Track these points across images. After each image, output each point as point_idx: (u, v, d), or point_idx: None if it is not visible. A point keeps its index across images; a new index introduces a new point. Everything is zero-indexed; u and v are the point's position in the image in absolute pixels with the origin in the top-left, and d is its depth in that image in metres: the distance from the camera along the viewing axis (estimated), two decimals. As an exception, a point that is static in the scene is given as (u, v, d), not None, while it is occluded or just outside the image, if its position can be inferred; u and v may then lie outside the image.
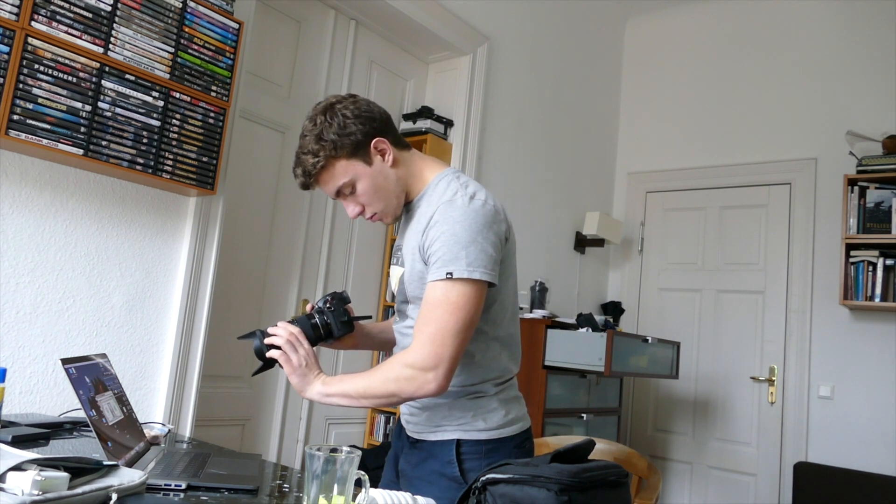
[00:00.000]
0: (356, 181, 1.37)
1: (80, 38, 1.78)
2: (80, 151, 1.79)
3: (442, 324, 1.26)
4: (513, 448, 1.38)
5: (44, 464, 0.94)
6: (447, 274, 1.26)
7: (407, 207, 1.45)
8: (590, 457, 1.16)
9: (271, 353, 1.37)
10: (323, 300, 1.48)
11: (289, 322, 1.41)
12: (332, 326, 1.45)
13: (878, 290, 3.36)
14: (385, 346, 1.65)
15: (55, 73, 1.73)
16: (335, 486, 0.98)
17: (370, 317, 1.50)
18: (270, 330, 1.38)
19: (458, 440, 1.36)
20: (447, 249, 1.27)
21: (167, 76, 1.96)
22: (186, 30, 2.01)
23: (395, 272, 1.45)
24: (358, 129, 1.36)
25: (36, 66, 1.70)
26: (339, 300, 1.48)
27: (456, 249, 1.26)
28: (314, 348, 1.43)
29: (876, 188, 3.44)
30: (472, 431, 1.36)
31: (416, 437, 1.43)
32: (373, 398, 1.32)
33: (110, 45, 1.84)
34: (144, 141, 1.92)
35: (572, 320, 3.28)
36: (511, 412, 1.41)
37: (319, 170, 1.36)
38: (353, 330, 1.49)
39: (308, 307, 1.50)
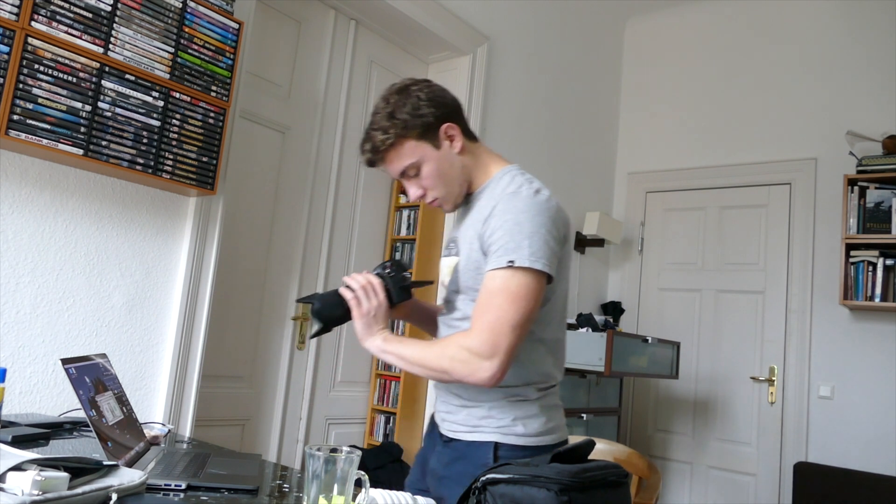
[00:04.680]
0: (422, 163, 1.38)
1: (80, 38, 1.78)
2: (80, 151, 1.78)
3: (501, 313, 1.25)
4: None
5: (44, 464, 0.94)
6: (508, 262, 1.25)
7: (467, 198, 1.46)
8: (590, 457, 1.16)
9: (344, 291, 1.37)
10: (381, 266, 1.45)
11: None
12: (392, 293, 1.41)
13: (878, 290, 3.36)
14: (430, 331, 1.63)
15: (55, 73, 1.73)
16: (335, 486, 0.98)
17: (431, 282, 1.49)
18: (349, 277, 1.39)
19: (496, 443, 1.33)
20: (510, 238, 1.27)
21: (167, 76, 1.96)
22: (186, 30, 2.01)
23: (449, 262, 1.45)
24: (430, 111, 1.37)
25: (36, 66, 1.70)
26: (398, 266, 1.46)
27: (519, 238, 1.26)
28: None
29: (876, 188, 3.44)
30: (511, 436, 1.34)
31: (450, 436, 1.41)
32: (425, 368, 1.32)
33: (110, 45, 1.84)
34: (144, 141, 1.92)
35: (572, 320, 3.28)
36: (552, 420, 1.39)
37: (388, 147, 1.37)
38: (411, 297, 1.47)
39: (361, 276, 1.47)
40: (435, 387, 1.50)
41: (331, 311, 1.37)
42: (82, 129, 1.79)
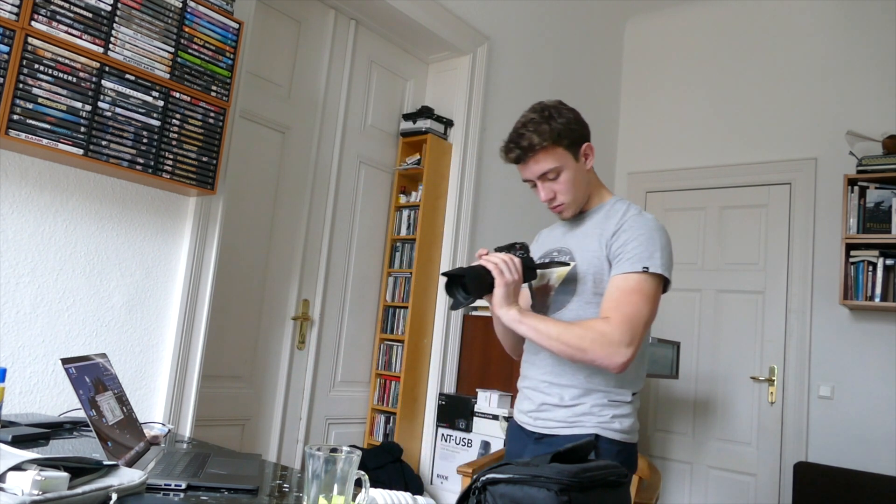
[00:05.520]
0: (563, 170, 1.55)
1: (80, 38, 1.78)
2: (80, 151, 1.78)
3: (638, 308, 1.42)
4: (629, 455, 1.50)
5: (44, 464, 0.94)
6: (644, 267, 1.44)
7: (580, 213, 1.63)
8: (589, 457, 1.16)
9: (486, 264, 1.46)
10: (510, 247, 1.54)
11: None
12: (523, 272, 1.50)
13: (878, 290, 3.36)
14: (515, 333, 1.67)
15: (55, 73, 1.73)
16: (335, 486, 0.98)
17: (567, 264, 1.54)
18: (485, 255, 1.49)
19: (597, 435, 1.46)
20: (644, 248, 1.46)
21: (167, 76, 1.96)
22: (186, 30, 2.01)
23: (560, 269, 1.58)
24: (579, 128, 1.57)
25: (36, 66, 1.70)
26: (526, 248, 1.55)
27: (652, 249, 1.46)
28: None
29: (876, 188, 3.44)
30: (609, 431, 1.48)
31: (543, 433, 1.52)
32: (561, 344, 1.43)
33: (110, 45, 1.84)
34: (144, 141, 1.92)
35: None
36: (637, 422, 1.55)
37: (542, 148, 1.52)
38: (535, 278, 1.58)
39: (482, 252, 1.52)
40: (525, 387, 1.62)
41: (480, 282, 1.46)
42: (82, 129, 1.79)
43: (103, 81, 1.82)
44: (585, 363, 1.45)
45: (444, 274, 1.49)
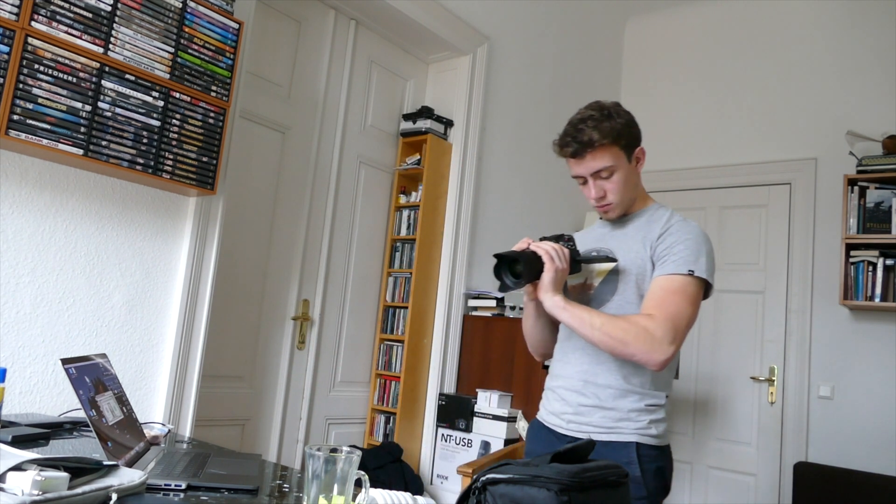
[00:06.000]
0: (616, 170, 1.55)
1: (80, 38, 1.78)
2: (80, 151, 1.78)
3: (680, 309, 1.44)
4: (667, 457, 1.52)
5: (44, 464, 0.94)
6: (689, 271, 1.46)
7: (623, 216, 1.64)
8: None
9: (535, 247, 1.49)
10: (556, 238, 1.55)
11: None
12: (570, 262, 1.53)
13: (878, 290, 3.36)
14: (543, 325, 1.69)
15: (55, 73, 1.73)
16: (335, 486, 0.98)
17: (614, 259, 1.56)
18: (534, 243, 1.52)
19: (637, 443, 1.47)
20: (690, 252, 1.48)
21: (167, 76, 1.96)
22: (186, 30, 2.01)
23: (602, 266, 1.59)
24: (636, 131, 1.59)
25: (36, 66, 1.70)
26: (573, 240, 1.58)
27: (697, 254, 1.48)
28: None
29: (876, 188, 3.44)
30: (647, 437, 1.48)
31: (577, 436, 1.51)
32: (603, 334, 1.43)
33: (110, 45, 1.84)
34: (144, 141, 1.92)
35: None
36: (668, 426, 1.56)
37: (601, 145, 1.52)
38: (580, 271, 1.58)
39: (525, 242, 1.53)
40: (557, 387, 1.60)
41: (533, 266, 1.47)
42: (82, 129, 1.79)
43: (103, 81, 1.82)
44: (625, 357, 1.45)
45: (496, 255, 1.49)
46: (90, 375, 1.31)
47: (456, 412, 3.13)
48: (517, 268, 1.49)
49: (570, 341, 1.60)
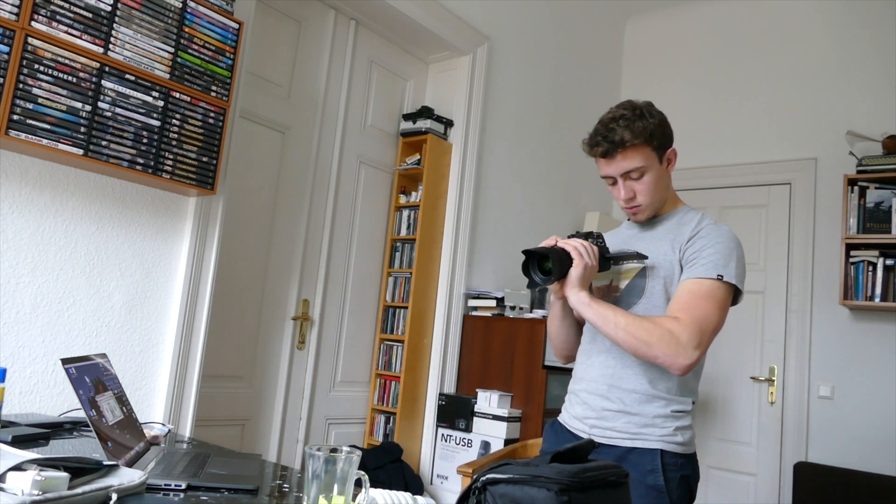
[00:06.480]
0: (647, 171, 1.51)
1: (80, 38, 1.78)
2: (80, 151, 1.78)
3: (708, 313, 1.40)
4: (694, 466, 1.49)
5: (44, 464, 0.94)
6: (718, 275, 1.43)
7: (652, 218, 1.61)
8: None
9: (564, 244, 1.47)
10: (585, 235, 1.53)
11: None
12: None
13: (878, 290, 3.36)
14: (568, 325, 1.67)
15: (55, 73, 1.73)
16: (335, 486, 0.98)
17: (645, 257, 1.54)
18: (566, 240, 1.50)
19: (662, 451, 1.43)
20: (720, 256, 1.45)
21: (167, 76, 1.96)
22: (186, 30, 2.01)
23: (630, 266, 1.57)
24: (668, 132, 1.55)
25: (36, 66, 1.70)
26: (603, 238, 1.55)
27: (727, 259, 1.46)
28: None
29: (876, 188, 3.44)
30: (672, 444, 1.45)
31: (602, 442, 1.47)
32: (627, 334, 1.40)
33: (110, 45, 1.84)
34: (144, 141, 1.92)
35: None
36: (694, 433, 1.53)
37: (633, 145, 1.48)
38: (608, 269, 1.56)
39: (553, 239, 1.52)
40: (581, 390, 1.57)
41: (562, 262, 1.46)
42: (82, 129, 1.79)
43: (103, 81, 1.82)
44: (648, 359, 1.42)
45: (525, 251, 1.47)
46: (90, 375, 1.31)
47: (456, 412, 3.13)
48: (546, 264, 1.47)
49: (595, 343, 1.57)
